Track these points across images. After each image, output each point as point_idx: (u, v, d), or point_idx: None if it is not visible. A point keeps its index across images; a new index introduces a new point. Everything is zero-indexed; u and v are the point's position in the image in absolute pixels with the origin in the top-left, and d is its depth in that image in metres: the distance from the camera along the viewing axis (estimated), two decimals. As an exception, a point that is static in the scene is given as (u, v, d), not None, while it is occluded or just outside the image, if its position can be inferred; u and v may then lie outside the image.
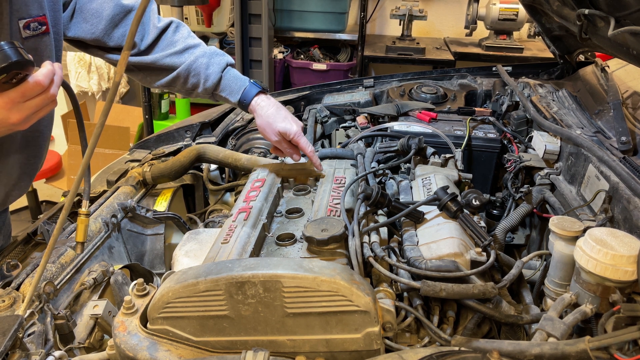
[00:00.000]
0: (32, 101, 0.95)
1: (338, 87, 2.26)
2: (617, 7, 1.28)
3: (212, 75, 1.38)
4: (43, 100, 0.96)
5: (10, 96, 0.93)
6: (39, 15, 1.20)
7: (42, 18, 1.22)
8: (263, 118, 1.38)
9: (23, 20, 1.17)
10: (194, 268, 0.91)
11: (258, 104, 1.39)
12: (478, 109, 1.93)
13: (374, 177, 1.35)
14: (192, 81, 1.40)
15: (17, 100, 0.93)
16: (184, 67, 1.38)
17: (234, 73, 1.42)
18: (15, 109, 0.94)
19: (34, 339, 0.97)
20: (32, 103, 0.96)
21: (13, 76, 0.91)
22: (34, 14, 1.19)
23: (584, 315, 0.87)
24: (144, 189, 1.58)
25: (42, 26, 1.22)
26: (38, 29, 1.21)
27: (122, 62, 0.84)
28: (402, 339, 0.96)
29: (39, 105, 0.97)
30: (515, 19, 3.54)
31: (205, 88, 1.40)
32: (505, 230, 1.31)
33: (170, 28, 1.42)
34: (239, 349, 0.87)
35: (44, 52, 1.25)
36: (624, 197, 1.13)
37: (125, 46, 0.82)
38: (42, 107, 0.98)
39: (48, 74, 0.95)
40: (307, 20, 3.82)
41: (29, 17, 1.18)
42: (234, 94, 1.39)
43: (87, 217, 1.14)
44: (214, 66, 1.39)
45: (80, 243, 1.14)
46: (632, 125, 1.39)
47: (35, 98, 0.95)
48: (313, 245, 1.06)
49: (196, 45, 1.42)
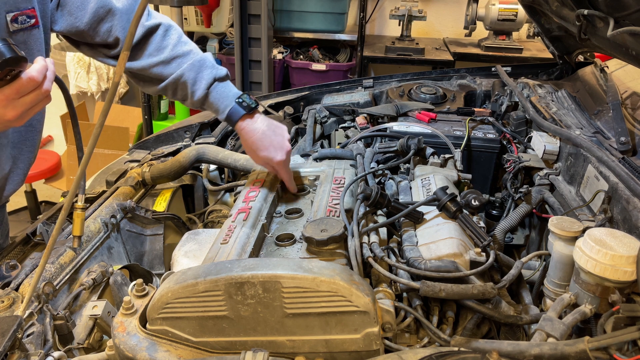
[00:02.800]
0: (27, 97, 0.95)
1: (337, 88, 2.26)
2: (617, 7, 1.28)
3: (198, 92, 1.32)
4: (37, 95, 0.96)
5: (5, 93, 0.92)
6: (28, 8, 1.17)
7: (30, 11, 1.18)
8: (247, 144, 1.33)
9: (11, 13, 1.14)
10: (193, 268, 0.91)
11: (242, 128, 1.32)
12: (477, 110, 1.93)
13: (373, 178, 1.36)
14: (180, 94, 1.36)
15: (11, 97, 0.93)
16: (172, 80, 1.33)
17: (221, 90, 1.34)
18: (11, 105, 0.94)
19: (33, 339, 0.97)
20: (27, 99, 0.95)
21: (7, 73, 0.90)
22: (23, 7, 1.16)
23: (583, 315, 0.87)
24: (143, 189, 1.57)
25: (30, 19, 1.19)
26: (26, 22, 1.18)
27: (121, 63, 0.84)
28: (401, 340, 0.96)
29: (34, 101, 0.96)
30: (514, 19, 3.54)
31: (193, 102, 1.35)
32: (505, 231, 1.31)
33: (159, 31, 1.35)
34: (238, 349, 0.87)
35: (34, 46, 1.22)
36: (623, 198, 1.13)
37: (124, 46, 0.82)
38: (37, 102, 0.97)
39: (41, 70, 0.95)
40: (306, 20, 3.82)
41: (17, 10, 1.15)
42: (221, 113, 1.34)
43: (83, 211, 1.12)
44: (201, 82, 1.32)
45: (77, 237, 1.12)
46: (631, 126, 1.39)
47: (30, 94, 0.95)
48: (312, 246, 1.06)
49: (185, 54, 1.34)
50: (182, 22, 3.56)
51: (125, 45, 0.81)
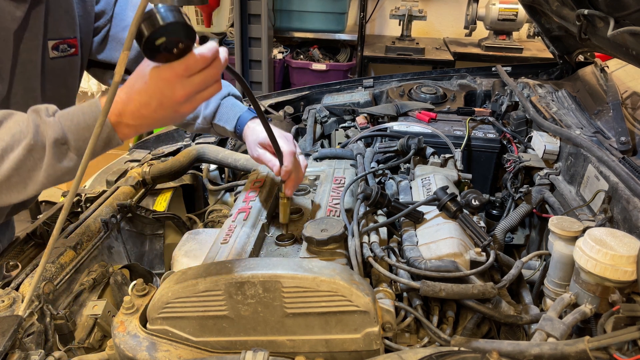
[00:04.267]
0: (196, 77, 0.85)
1: (337, 87, 2.26)
2: (617, 7, 1.28)
3: (211, 103, 1.31)
4: (207, 77, 0.86)
5: (175, 69, 0.83)
6: (70, 38, 1.19)
7: (72, 40, 1.20)
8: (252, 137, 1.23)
9: (53, 41, 1.16)
10: (194, 268, 0.91)
11: (249, 126, 1.26)
12: (477, 109, 1.93)
13: (373, 177, 1.36)
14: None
15: (181, 73, 0.84)
16: None
17: (232, 101, 1.33)
18: (180, 84, 0.84)
19: (34, 339, 0.97)
20: (196, 79, 0.85)
21: (174, 44, 0.80)
22: (65, 36, 1.18)
23: (583, 315, 0.87)
24: (144, 189, 1.57)
25: (71, 48, 1.20)
26: (67, 50, 1.19)
27: (121, 62, 0.84)
28: (401, 339, 0.96)
29: (203, 83, 0.86)
30: (514, 19, 3.54)
31: (205, 116, 1.32)
32: (505, 231, 1.31)
33: None
34: (238, 349, 0.87)
35: (69, 73, 1.24)
36: (623, 197, 1.13)
37: (124, 46, 0.82)
38: (206, 87, 0.87)
39: (213, 49, 0.85)
40: (306, 20, 3.82)
41: (59, 38, 1.17)
42: (230, 122, 1.30)
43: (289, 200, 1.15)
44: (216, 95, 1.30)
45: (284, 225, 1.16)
46: (631, 126, 1.39)
47: (199, 74, 0.85)
48: (312, 246, 1.06)
49: None
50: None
51: (125, 45, 0.81)
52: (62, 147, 0.89)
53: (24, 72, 1.13)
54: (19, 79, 1.13)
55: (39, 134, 0.88)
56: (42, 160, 0.89)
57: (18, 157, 0.87)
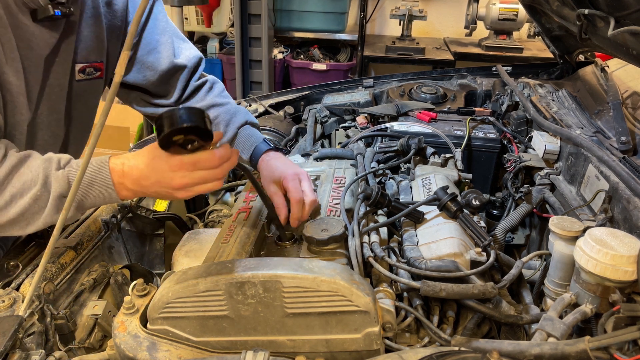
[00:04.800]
0: (199, 172, 0.92)
1: (338, 87, 2.26)
2: (617, 7, 1.28)
3: (229, 132, 1.34)
4: (208, 175, 0.93)
5: (184, 160, 0.90)
6: (97, 62, 1.21)
7: (99, 64, 1.23)
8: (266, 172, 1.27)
9: (80, 64, 1.18)
10: (194, 268, 0.91)
11: (264, 159, 1.30)
12: (478, 109, 1.93)
13: (373, 177, 1.35)
14: None
15: (187, 166, 0.91)
16: None
17: (250, 131, 1.36)
18: (181, 173, 0.91)
19: (34, 339, 0.97)
20: (199, 174, 0.92)
21: (189, 142, 0.87)
22: (92, 60, 1.20)
23: (583, 315, 0.87)
24: (144, 189, 1.57)
25: (97, 72, 1.23)
26: (92, 74, 1.22)
27: (121, 62, 0.84)
28: (402, 339, 0.96)
29: (203, 180, 0.93)
30: (515, 19, 3.54)
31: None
32: (505, 230, 1.31)
33: (205, 86, 1.40)
34: (238, 349, 0.87)
35: (93, 94, 1.26)
36: (623, 197, 1.13)
37: (125, 46, 0.82)
38: (205, 182, 0.94)
39: (223, 156, 0.93)
40: (306, 20, 3.82)
41: (86, 62, 1.19)
42: (246, 151, 1.33)
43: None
44: (234, 124, 1.35)
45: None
46: (631, 125, 1.39)
47: (203, 171, 0.92)
48: (313, 246, 1.06)
49: (224, 103, 1.38)
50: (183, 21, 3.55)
51: (125, 45, 0.81)
52: (64, 199, 0.96)
53: (51, 94, 1.16)
54: (45, 100, 1.15)
55: (46, 185, 0.96)
56: (44, 209, 0.97)
57: (25, 203, 0.96)
